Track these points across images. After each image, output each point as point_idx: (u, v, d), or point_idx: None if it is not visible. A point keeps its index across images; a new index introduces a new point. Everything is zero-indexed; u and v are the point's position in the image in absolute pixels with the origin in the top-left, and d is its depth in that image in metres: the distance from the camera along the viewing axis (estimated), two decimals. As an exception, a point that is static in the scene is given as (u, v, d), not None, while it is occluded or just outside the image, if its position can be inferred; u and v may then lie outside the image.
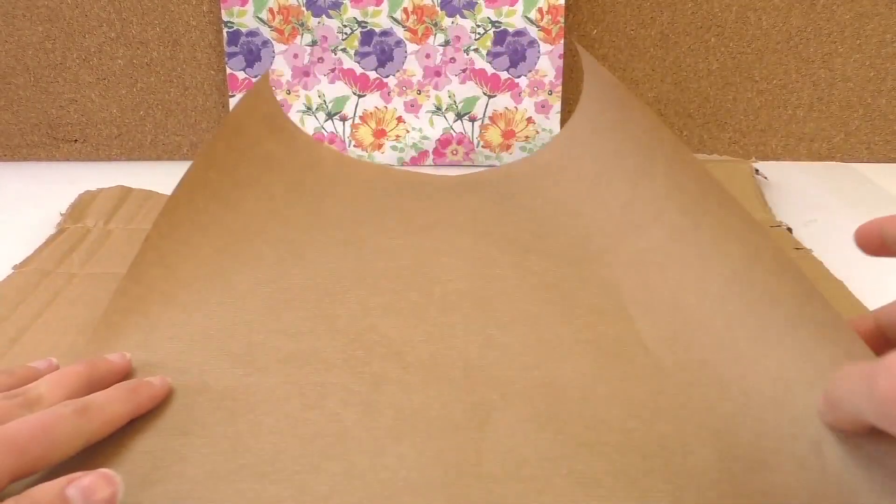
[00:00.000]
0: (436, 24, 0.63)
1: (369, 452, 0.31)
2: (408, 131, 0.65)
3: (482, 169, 0.62)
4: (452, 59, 0.64)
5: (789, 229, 0.52)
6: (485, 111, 0.65)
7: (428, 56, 0.64)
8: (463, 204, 0.52)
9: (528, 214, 0.50)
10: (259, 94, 0.53)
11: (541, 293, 0.42)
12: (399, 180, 0.56)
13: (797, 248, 0.49)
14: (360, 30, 0.63)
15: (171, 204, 0.45)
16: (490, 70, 0.64)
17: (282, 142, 0.54)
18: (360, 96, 0.65)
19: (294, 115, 0.65)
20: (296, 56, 0.64)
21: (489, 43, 0.63)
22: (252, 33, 0.63)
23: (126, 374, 0.35)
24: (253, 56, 0.64)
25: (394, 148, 0.66)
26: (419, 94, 0.65)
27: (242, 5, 0.62)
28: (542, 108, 0.64)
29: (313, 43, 0.64)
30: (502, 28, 0.63)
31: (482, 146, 0.65)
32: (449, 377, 0.35)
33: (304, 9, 0.63)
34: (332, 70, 0.64)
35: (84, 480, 0.26)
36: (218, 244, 0.46)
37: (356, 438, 0.31)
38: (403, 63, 0.64)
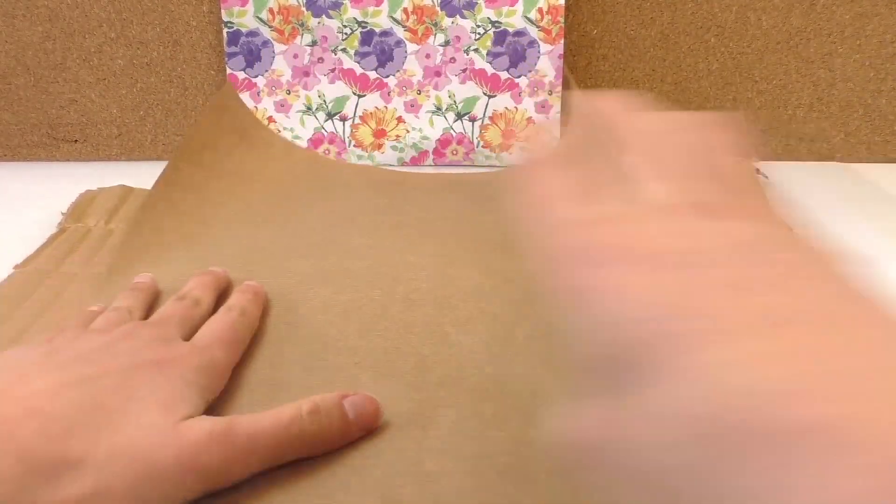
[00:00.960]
0: (436, 24, 0.63)
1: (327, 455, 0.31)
2: (408, 131, 0.65)
3: (478, 170, 0.62)
4: (452, 59, 0.64)
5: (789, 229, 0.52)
6: (485, 111, 0.65)
7: (428, 56, 0.64)
8: (437, 203, 0.52)
9: (503, 216, 0.50)
10: (224, 108, 0.54)
11: (502, 292, 0.42)
12: (377, 179, 0.56)
13: (797, 248, 0.49)
14: (360, 30, 0.63)
15: (135, 230, 0.46)
16: (490, 70, 0.64)
17: (255, 151, 0.55)
18: (360, 96, 0.65)
19: (294, 115, 0.65)
20: (296, 56, 0.64)
21: (489, 43, 0.63)
22: (252, 33, 0.63)
23: (229, 281, 0.41)
24: (253, 56, 0.64)
25: (394, 148, 0.66)
26: (419, 94, 0.65)
27: (242, 5, 0.62)
28: (542, 108, 0.64)
29: (313, 43, 0.64)
30: (502, 28, 0.63)
31: (482, 146, 0.65)
32: (400, 374, 0.36)
33: (304, 9, 0.63)
34: (332, 70, 0.64)
35: (355, 398, 0.32)
36: (189, 255, 0.47)
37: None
38: (403, 63, 0.64)
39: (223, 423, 0.29)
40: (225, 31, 0.63)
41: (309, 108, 0.65)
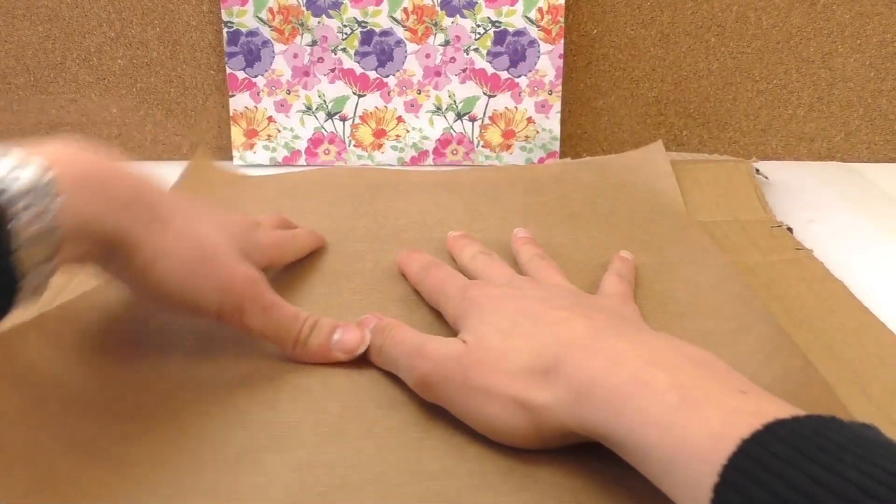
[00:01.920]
0: (436, 24, 0.63)
1: (311, 448, 0.31)
2: (408, 131, 0.65)
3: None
4: (452, 59, 0.64)
5: (789, 229, 0.52)
6: (485, 111, 0.65)
7: (428, 56, 0.64)
8: (436, 204, 0.53)
9: (498, 220, 0.51)
10: (202, 176, 0.57)
11: None
12: (374, 181, 0.56)
13: (797, 249, 0.49)
14: (360, 30, 0.63)
15: None
16: (490, 70, 0.64)
17: (249, 185, 0.57)
18: (360, 96, 0.65)
19: (294, 115, 0.65)
20: (296, 56, 0.64)
21: (489, 43, 0.63)
22: (252, 33, 0.63)
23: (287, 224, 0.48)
24: (253, 56, 0.64)
25: (394, 148, 0.66)
26: (419, 94, 0.65)
27: (242, 5, 0.62)
28: (542, 107, 0.64)
29: (313, 43, 0.64)
30: (502, 28, 0.63)
31: (482, 146, 0.65)
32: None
33: (304, 9, 0.63)
34: (332, 70, 0.64)
35: (348, 326, 0.37)
36: None
37: (300, 434, 0.32)
38: (403, 63, 0.64)
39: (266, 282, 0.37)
40: (225, 30, 0.63)
41: (309, 108, 0.65)
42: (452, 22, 0.63)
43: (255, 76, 0.64)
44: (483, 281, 0.40)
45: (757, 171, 0.60)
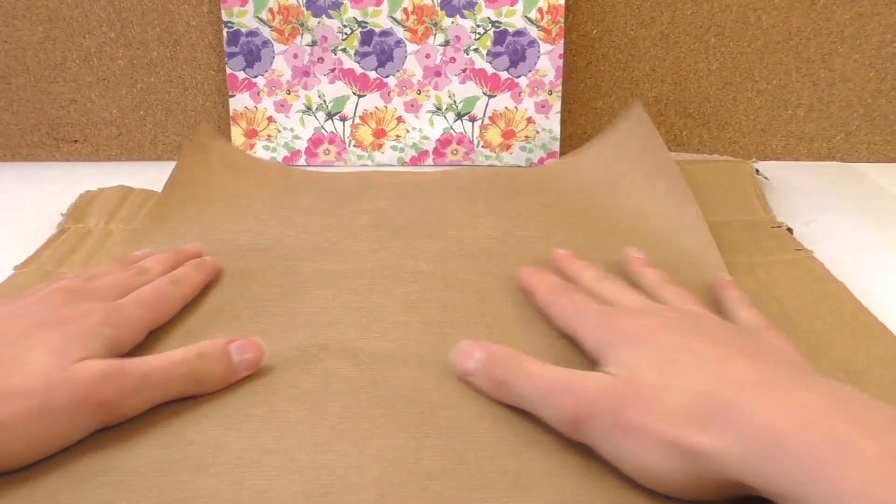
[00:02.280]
0: (436, 24, 0.63)
1: (311, 449, 0.31)
2: (408, 131, 0.65)
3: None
4: (452, 59, 0.64)
5: (790, 229, 0.52)
6: (485, 111, 0.65)
7: (428, 56, 0.64)
8: (437, 205, 0.52)
9: (496, 221, 0.51)
10: (206, 146, 0.55)
11: (499, 298, 0.42)
12: (376, 182, 0.56)
13: (798, 249, 0.49)
14: (360, 30, 0.63)
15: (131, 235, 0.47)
16: (490, 70, 0.64)
17: (251, 179, 0.56)
18: (360, 96, 0.65)
19: (294, 115, 0.65)
20: (296, 56, 0.64)
21: (489, 43, 0.63)
22: (252, 33, 0.63)
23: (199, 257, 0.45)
24: (253, 56, 0.64)
25: (394, 148, 0.66)
26: (419, 94, 0.65)
27: (242, 5, 0.62)
28: (542, 107, 0.64)
29: (313, 43, 0.64)
30: (502, 28, 0.63)
31: (482, 146, 0.65)
32: (401, 375, 0.36)
33: (304, 9, 0.63)
34: (332, 70, 0.64)
35: (240, 342, 0.35)
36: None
37: (300, 435, 0.32)
38: (403, 63, 0.64)
39: (115, 363, 0.32)
40: (225, 31, 0.63)
41: (309, 108, 0.65)
42: (452, 22, 0.63)
43: (255, 76, 0.64)
44: (625, 307, 0.37)
45: (757, 171, 0.60)
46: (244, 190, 0.55)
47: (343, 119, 0.65)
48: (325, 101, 0.65)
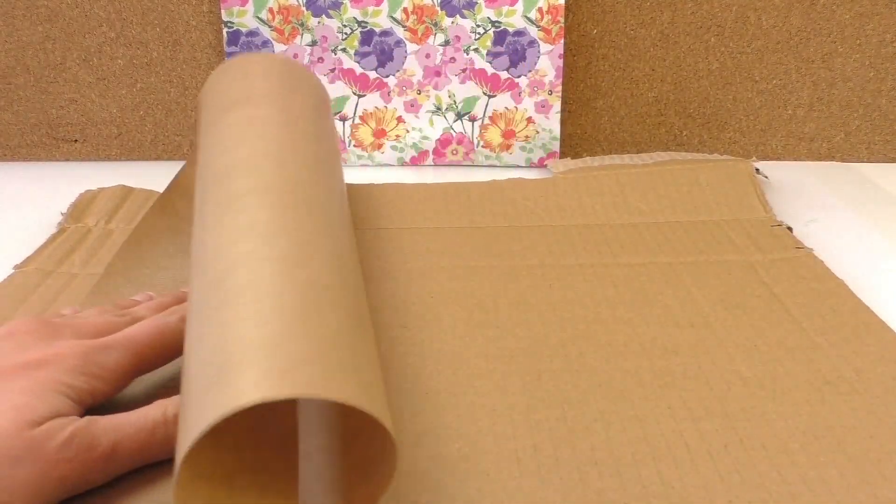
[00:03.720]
0: (436, 24, 0.63)
1: None
2: (408, 131, 0.65)
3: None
4: (452, 59, 0.64)
5: (789, 228, 0.52)
6: (485, 111, 0.65)
7: (428, 56, 0.64)
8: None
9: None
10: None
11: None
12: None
13: (798, 248, 0.49)
14: (360, 30, 0.63)
15: (134, 236, 0.47)
16: (490, 70, 0.64)
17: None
18: (360, 96, 0.65)
19: (294, 115, 0.65)
20: (296, 56, 0.64)
21: (489, 43, 0.63)
22: (252, 33, 0.63)
23: None
24: (253, 56, 0.64)
25: (394, 148, 0.66)
26: (419, 94, 0.65)
27: (242, 5, 0.62)
28: (542, 107, 0.64)
29: (313, 43, 0.64)
30: (502, 28, 0.63)
31: (482, 146, 0.65)
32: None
33: (304, 9, 0.63)
34: (332, 70, 0.64)
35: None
36: (186, 262, 0.47)
37: None
38: (403, 63, 0.64)
39: (82, 428, 0.28)
40: (225, 31, 0.63)
41: (309, 108, 0.65)
42: (452, 22, 0.63)
43: (255, 76, 0.64)
44: None
45: (757, 171, 0.60)
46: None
47: (343, 119, 0.65)
48: (325, 101, 0.65)
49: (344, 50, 0.64)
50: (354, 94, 0.65)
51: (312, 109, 0.41)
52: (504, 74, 0.64)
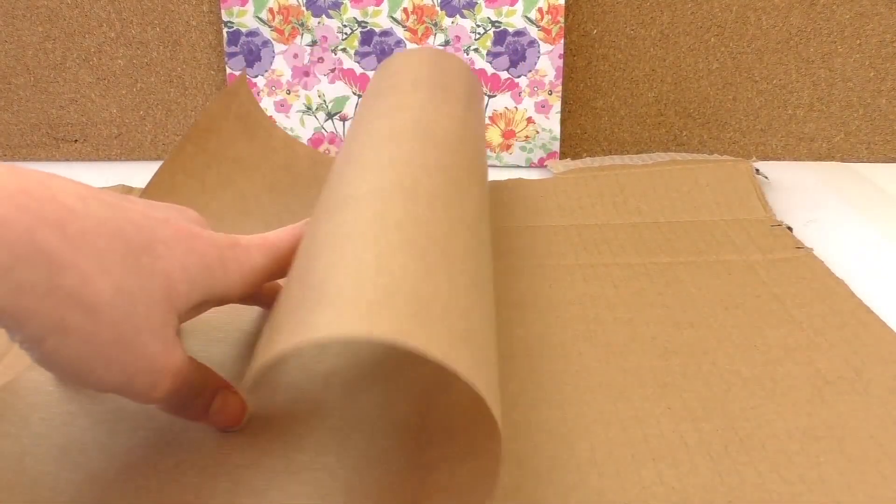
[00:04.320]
0: (436, 24, 0.63)
1: None
2: (408, 131, 0.65)
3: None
4: (452, 59, 0.64)
5: (789, 228, 0.52)
6: (485, 111, 0.65)
7: (428, 56, 0.64)
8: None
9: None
10: (234, 94, 0.53)
11: None
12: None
13: (798, 247, 0.49)
14: (360, 30, 0.63)
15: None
16: (490, 70, 0.64)
17: (256, 141, 0.55)
18: (359, 96, 0.65)
19: (294, 115, 0.65)
20: (296, 56, 0.64)
21: (489, 43, 0.63)
22: (252, 33, 0.63)
23: None
24: (253, 56, 0.64)
25: (394, 148, 0.66)
26: (419, 94, 0.65)
27: (242, 5, 0.62)
28: (542, 107, 0.64)
29: (313, 43, 0.64)
30: (502, 28, 0.63)
31: (482, 146, 0.65)
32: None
33: (304, 9, 0.63)
34: (332, 70, 0.64)
35: (231, 396, 0.32)
36: None
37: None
38: (403, 63, 0.64)
39: (201, 376, 0.31)
40: (225, 31, 0.63)
41: (309, 108, 0.65)
42: (452, 22, 0.63)
43: (255, 76, 0.64)
44: None
45: (757, 171, 0.60)
46: (247, 166, 0.54)
47: (343, 119, 0.65)
48: (325, 101, 0.65)
49: (344, 50, 0.64)
50: (354, 94, 0.65)
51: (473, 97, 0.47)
52: (504, 74, 0.64)
